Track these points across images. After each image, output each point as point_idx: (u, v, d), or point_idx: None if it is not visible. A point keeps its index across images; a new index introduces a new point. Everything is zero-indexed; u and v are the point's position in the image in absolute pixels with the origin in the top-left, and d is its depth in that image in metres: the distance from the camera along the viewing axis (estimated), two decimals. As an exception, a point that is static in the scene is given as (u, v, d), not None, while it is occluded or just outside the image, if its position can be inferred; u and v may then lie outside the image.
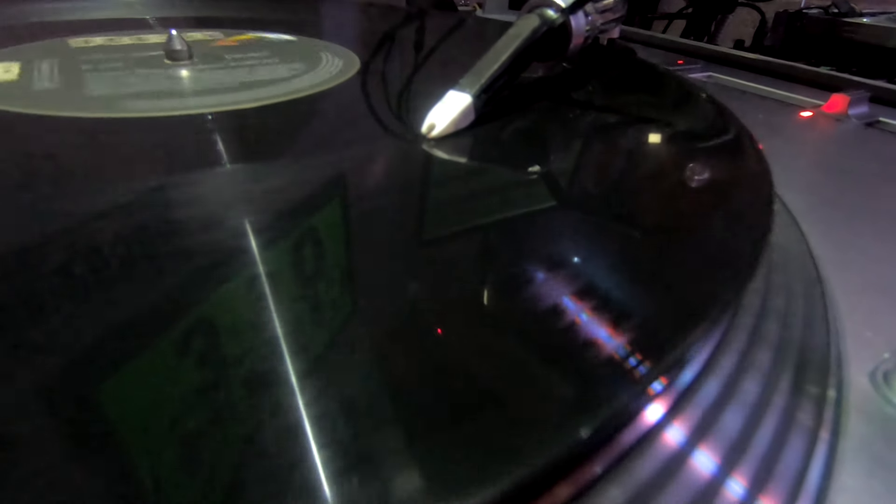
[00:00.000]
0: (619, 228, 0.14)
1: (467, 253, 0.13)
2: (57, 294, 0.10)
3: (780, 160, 0.23)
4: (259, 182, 0.15)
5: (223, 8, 0.39)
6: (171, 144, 0.18)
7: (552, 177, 0.17)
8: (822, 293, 0.15)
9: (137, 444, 0.07)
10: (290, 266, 0.12)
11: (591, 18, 0.24)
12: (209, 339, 0.09)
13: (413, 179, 0.17)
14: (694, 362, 0.11)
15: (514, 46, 0.20)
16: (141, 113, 0.19)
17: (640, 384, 0.09)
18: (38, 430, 0.08)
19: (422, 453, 0.07)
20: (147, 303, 0.10)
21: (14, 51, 0.26)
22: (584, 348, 0.10)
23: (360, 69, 0.26)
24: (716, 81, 0.38)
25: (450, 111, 0.18)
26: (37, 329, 0.09)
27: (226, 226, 0.13)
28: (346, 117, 0.22)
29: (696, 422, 0.11)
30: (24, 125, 0.18)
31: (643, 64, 0.31)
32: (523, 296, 0.11)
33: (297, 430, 0.08)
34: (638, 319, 0.11)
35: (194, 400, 0.08)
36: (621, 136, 0.21)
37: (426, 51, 0.32)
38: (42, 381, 0.08)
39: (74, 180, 0.16)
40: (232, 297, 0.10)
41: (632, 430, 0.10)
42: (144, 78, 0.23)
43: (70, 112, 0.19)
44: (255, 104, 0.20)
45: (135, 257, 0.12)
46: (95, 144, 0.18)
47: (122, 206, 0.13)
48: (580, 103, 0.24)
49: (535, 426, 0.08)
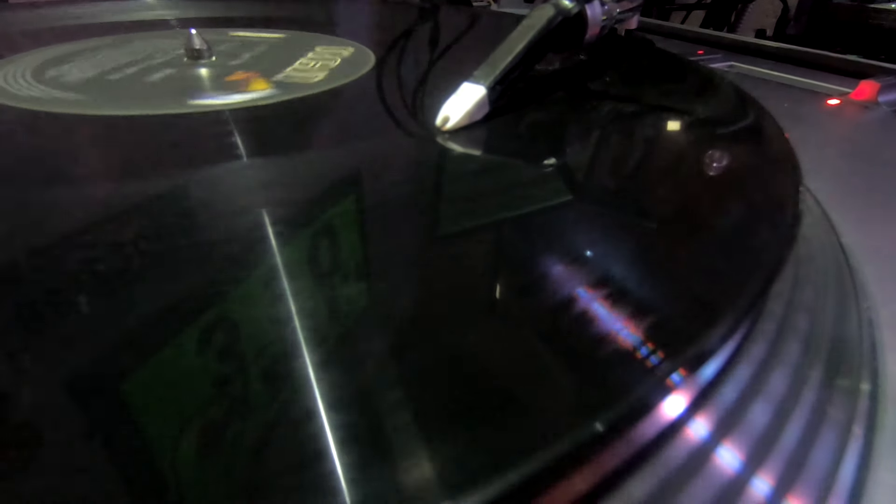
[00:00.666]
0: (642, 220, 0.14)
1: (484, 245, 0.13)
2: (86, 287, 0.10)
3: (808, 149, 0.22)
4: (281, 175, 0.15)
5: (238, 8, 0.39)
6: (196, 140, 0.18)
7: (571, 168, 0.17)
8: (853, 283, 0.15)
9: (163, 439, 0.07)
10: (316, 257, 0.12)
11: (608, 8, 0.23)
12: (236, 331, 0.09)
13: (427, 172, 0.17)
14: (718, 355, 0.11)
15: (529, 37, 0.19)
16: (167, 110, 0.19)
17: (661, 376, 0.09)
18: (65, 422, 0.08)
19: (438, 446, 0.07)
20: (191, 292, 0.10)
21: (38, 53, 0.26)
22: (608, 341, 0.09)
23: (374, 65, 0.26)
24: (738, 71, 0.37)
25: (464, 103, 0.18)
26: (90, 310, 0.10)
27: (245, 218, 0.13)
28: (362, 111, 0.22)
29: (720, 417, 0.10)
30: (55, 124, 0.19)
31: (663, 54, 0.31)
32: (544, 288, 0.11)
33: (320, 423, 0.08)
34: (662, 312, 0.10)
35: (218, 394, 0.08)
36: (641, 127, 0.21)
37: (440, 46, 0.32)
38: (77, 371, 0.09)
39: (97, 175, 0.16)
40: (252, 292, 0.10)
41: (653, 423, 0.09)
42: (167, 76, 0.23)
43: (93, 111, 0.19)
44: (273, 100, 0.21)
45: (177, 247, 0.12)
46: (123, 141, 0.18)
47: (158, 197, 0.14)
48: (598, 94, 0.24)
49: (555, 418, 0.08)
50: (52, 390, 0.08)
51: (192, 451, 0.07)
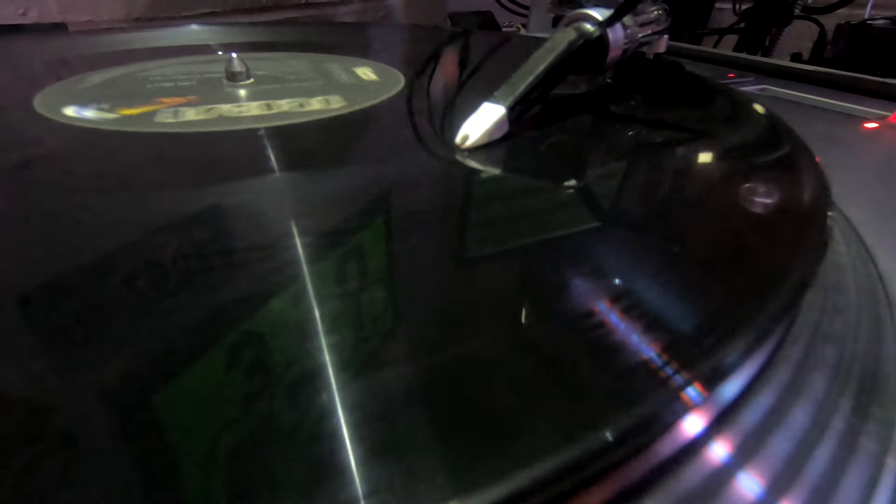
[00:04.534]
0: (665, 242, 0.14)
1: (505, 260, 0.13)
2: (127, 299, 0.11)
3: (842, 173, 0.21)
4: (316, 191, 0.16)
5: (276, 33, 0.41)
6: (237, 157, 0.19)
7: (590, 189, 0.17)
8: (889, 310, 0.14)
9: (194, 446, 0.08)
10: (345, 270, 0.12)
11: (630, 31, 0.23)
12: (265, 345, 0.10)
13: (447, 191, 0.17)
14: (740, 377, 0.10)
15: (550, 59, 0.20)
16: (209, 128, 0.21)
17: (678, 394, 0.09)
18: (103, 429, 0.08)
19: (457, 463, 0.07)
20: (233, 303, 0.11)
21: (83, 78, 0.28)
22: (630, 358, 0.09)
23: (403, 86, 0.27)
24: (770, 94, 0.36)
25: (483, 122, 0.18)
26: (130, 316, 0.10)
27: (274, 232, 0.13)
28: (390, 130, 0.22)
29: (742, 441, 0.10)
30: (121, 140, 0.20)
31: (691, 76, 0.30)
32: (568, 305, 0.11)
33: (340, 432, 0.08)
34: (687, 331, 0.10)
35: (245, 408, 0.08)
36: (666, 148, 0.21)
37: (468, 68, 0.33)
38: (116, 378, 0.09)
39: (148, 189, 0.17)
40: (279, 307, 0.11)
41: (669, 442, 0.09)
42: (211, 98, 0.24)
43: (138, 128, 0.21)
44: (309, 119, 0.22)
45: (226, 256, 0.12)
46: (170, 157, 0.19)
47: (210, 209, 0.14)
48: (622, 117, 0.24)
49: (568, 429, 0.08)
50: (97, 393, 0.09)
51: (217, 462, 0.07)
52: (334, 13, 0.69)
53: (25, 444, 0.08)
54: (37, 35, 0.40)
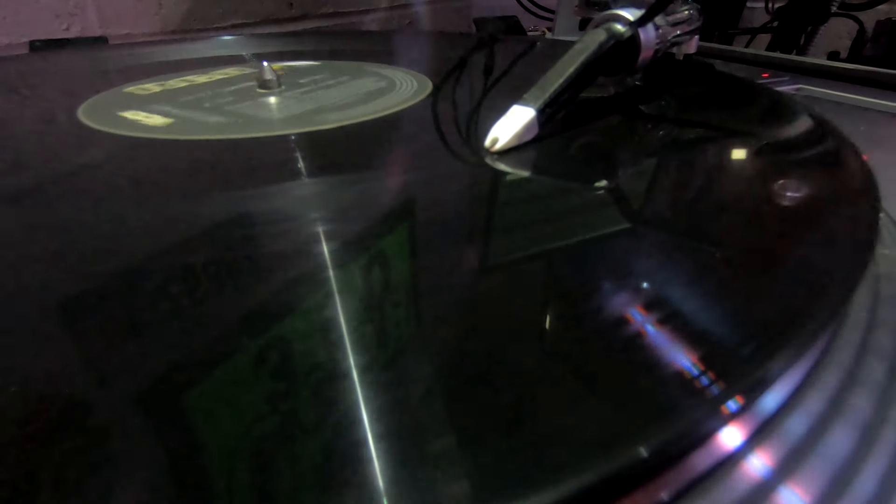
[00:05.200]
0: (705, 245, 0.13)
1: (550, 265, 0.13)
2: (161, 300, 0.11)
3: (888, 173, 0.20)
4: (349, 193, 0.16)
5: (306, 42, 0.42)
6: (273, 162, 0.19)
7: (623, 191, 0.17)
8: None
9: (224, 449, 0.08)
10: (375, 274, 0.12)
11: (662, 31, 0.23)
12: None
13: (477, 193, 0.17)
14: (782, 385, 0.10)
15: (580, 61, 0.20)
16: (248, 134, 0.21)
17: (715, 405, 0.08)
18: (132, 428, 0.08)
19: (487, 473, 0.07)
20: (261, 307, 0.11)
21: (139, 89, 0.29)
22: (672, 367, 0.09)
23: (432, 91, 0.27)
24: (807, 94, 0.35)
25: (513, 125, 0.18)
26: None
27: (302, 235, 0.14)
28: (420, 134, 0.22)
29: (783, 455, 0.09)
30: (175, 149, 0.21)
31: (724, 77, 0.30)
32: (605, 312, 0.11)
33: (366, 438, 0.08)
34: (728, 341, 0.10)
35: (273, 409, 0.08)
36: (697, 151, 0.20)
37: (494, 73, 0.33)
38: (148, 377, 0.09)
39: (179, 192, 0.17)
40: (306, 309, 0.11)
41: (707, 454, 0.09)
42: (245, 105, 0.25)
43: (184, 136, 0.21)
44: (341, 124, 0.22)
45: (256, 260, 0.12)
46: (211, 163, 0.19)
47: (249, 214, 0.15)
48: (652, 118, 0.23)
49: (601, 445, 0.08)
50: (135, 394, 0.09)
51: (244, 466, 0.07)
52: (360, 21, 0.70)
53: (61, 440, 0.08)
54: (80, 48, 0.42)
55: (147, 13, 0.51)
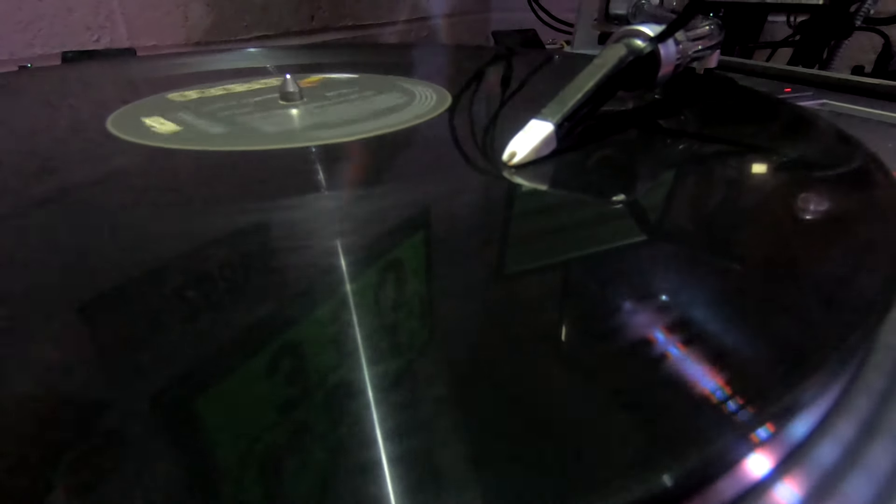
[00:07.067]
0: (728, 262, 0.13)
1: (554, 282, 0.13)
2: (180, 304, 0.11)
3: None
4: (370, 204, 0.16)
5: (325, 55, 0.43)
6: (294, 172, 0.19)
7: (642, 206, 0.16)
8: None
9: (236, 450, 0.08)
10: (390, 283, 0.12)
11: (682, 47, 0.23)
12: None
13: (493, 206, 0.17)
14: (811, 411, 0.10)
15: (599, 76, 0.19)
16: (270, 146, 0.21)
17: (744, 431, 0.08)
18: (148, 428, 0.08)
19: (495, 486, 0.07)
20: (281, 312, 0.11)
21: (159, 98, 0.30)
22: (696, 388, 0.09)
23: (450, 104, 0.27)
24: (832, 109, 0.34)
25: (531, 139, 0.18)
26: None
27: (320, 246, 0.14)
28: (438, 146, 0.22)
29: (813, 483, 0.09)
30: (187, 159, 0.21)
31: (745, 91, 0.29)
32: (633, 328, 0.11)
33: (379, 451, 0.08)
34: (757, 361, 0.10)
35: (284, 416, 0.08)
36: (717, 167, 0.20)
37: (512, 86, 0.33)
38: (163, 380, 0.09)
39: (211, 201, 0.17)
40: (322, 318, 0.11)
41: (733, 482, 0.08)
42: (256, 117, 0.25)
43: (201, 146, 0.22)
44: (361, 136, 0.22)
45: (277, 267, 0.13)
46: (229, 172, 0.20)
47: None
48: (674, 132, 0.23)
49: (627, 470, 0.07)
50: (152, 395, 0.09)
51: (255, 472, 0.07)
52: (379, 33, 0.71)
53: (75, 441, 0.08)
54: (108, 59, 0.43)
55: (174, 25, 0.52)
